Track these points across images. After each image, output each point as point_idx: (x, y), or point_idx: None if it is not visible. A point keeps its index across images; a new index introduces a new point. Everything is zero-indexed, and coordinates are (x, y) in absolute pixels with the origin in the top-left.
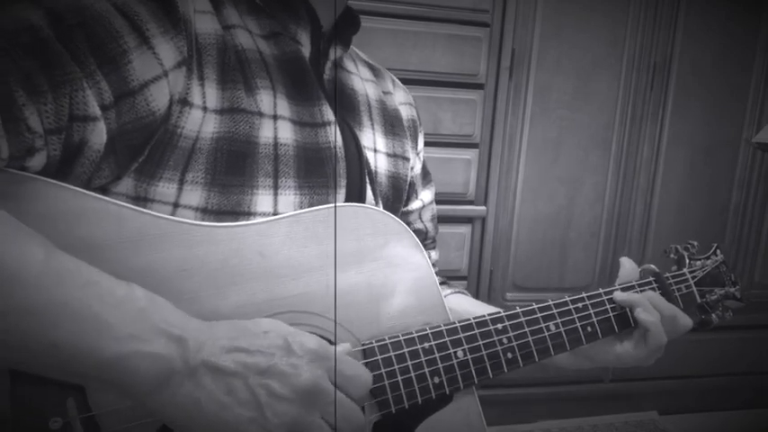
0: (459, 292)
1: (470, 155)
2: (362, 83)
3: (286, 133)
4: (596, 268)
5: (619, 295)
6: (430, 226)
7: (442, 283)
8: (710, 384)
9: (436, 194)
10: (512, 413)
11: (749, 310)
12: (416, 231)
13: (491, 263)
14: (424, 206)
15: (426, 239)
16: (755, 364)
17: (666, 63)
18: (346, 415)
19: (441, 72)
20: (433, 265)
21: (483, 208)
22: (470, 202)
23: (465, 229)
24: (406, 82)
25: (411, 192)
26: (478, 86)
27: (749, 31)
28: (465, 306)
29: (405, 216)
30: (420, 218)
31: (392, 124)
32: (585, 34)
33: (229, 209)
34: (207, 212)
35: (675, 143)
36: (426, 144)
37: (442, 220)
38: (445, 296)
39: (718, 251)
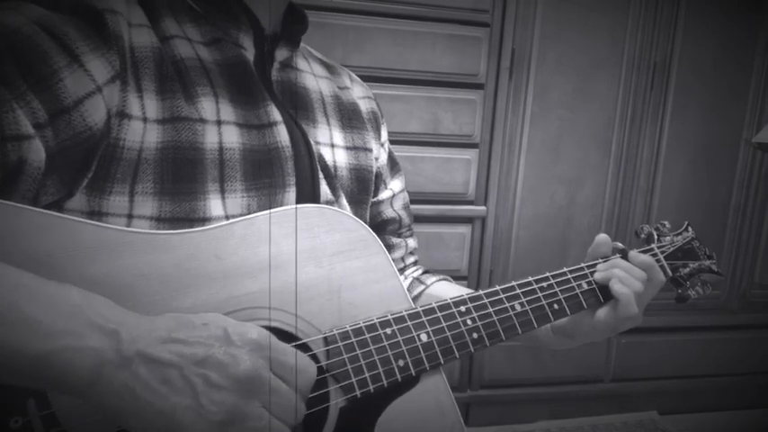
0: (443, 279)
1: (470, 155)
2: (315, 80)
3: (231, 137)
4: None
5: (597, 276)
6: (403, 214)
7: (424, 272)
8: (710, 384)
9: (436, 194)
10: (512, 413)
11: (749, 310)
12: (390, 220)
13: (491, 263)
14: (394, 195)
15: (401, 228)
16: (756, 364)
17: (666, 63)
18: (287, 404)
19: (441, 72)
20: (412, 252)
21: (483, 208)
22: (470, 202)
23: (465, 229)
24: (406, 82)
25: (379, 182)
26: (478, 86)
27: (749, 32)
28: (448, 291)
29: (376, 206)
30: (392, 206)
31: (349, 118)
32: (585, 34)
33: (183, 216)
34: (161, 221)
35: (675, 143)
36: (426, 144)
37: (441, 220)
38: (430, 284)
39: (690, 228)
